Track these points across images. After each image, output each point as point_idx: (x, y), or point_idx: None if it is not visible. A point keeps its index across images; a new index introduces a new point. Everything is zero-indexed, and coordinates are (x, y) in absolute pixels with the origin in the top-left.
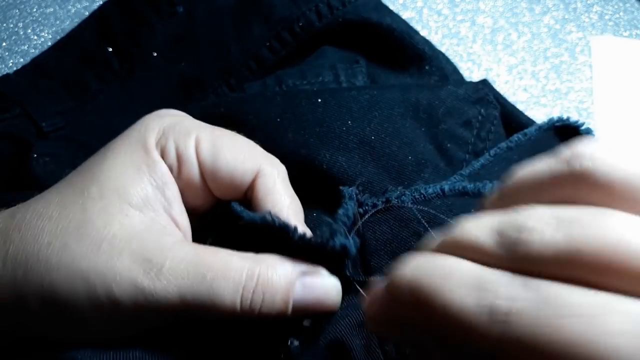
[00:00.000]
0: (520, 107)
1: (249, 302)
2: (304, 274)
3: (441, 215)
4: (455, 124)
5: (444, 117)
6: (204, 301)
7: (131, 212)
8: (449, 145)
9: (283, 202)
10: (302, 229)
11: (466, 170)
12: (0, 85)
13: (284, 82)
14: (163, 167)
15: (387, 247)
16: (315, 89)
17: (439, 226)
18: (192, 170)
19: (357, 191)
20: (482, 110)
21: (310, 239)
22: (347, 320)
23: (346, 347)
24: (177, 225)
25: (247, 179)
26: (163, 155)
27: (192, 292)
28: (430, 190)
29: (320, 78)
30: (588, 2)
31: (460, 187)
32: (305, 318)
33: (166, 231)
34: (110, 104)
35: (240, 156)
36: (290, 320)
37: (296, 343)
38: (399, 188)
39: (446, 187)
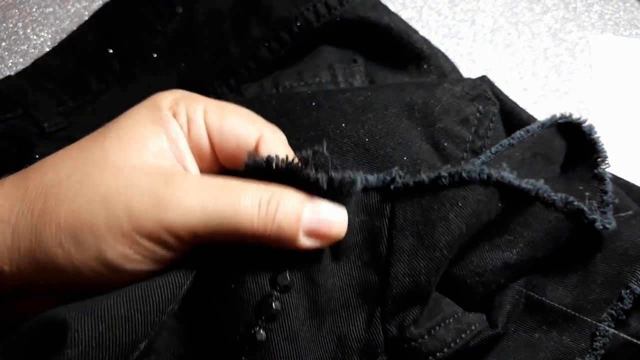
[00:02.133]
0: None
1: (265, 207)
2: (312, 199)
3: (478, 201)
4: (452, 122)
5: (440, 115)
6: (225, 208)
7: (149, 153)
8: (445, 144)
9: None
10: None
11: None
12: (2, 86)
13: (281, 84)
14: (176, 124)
15: (413, 227)
16: (311, 91)
17: (470, 211)
18: (200, 131)
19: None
20: (480, 107)
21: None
22: (349, 284)
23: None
24: None
25: (251, 140)
26: (174, 117)
27: (214, 199)
28: (473, 175)
29: (318, 79)
30: (588, 1)
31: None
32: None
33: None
34: (111, 104)
35: (244, 120)
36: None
37: (287, 281)
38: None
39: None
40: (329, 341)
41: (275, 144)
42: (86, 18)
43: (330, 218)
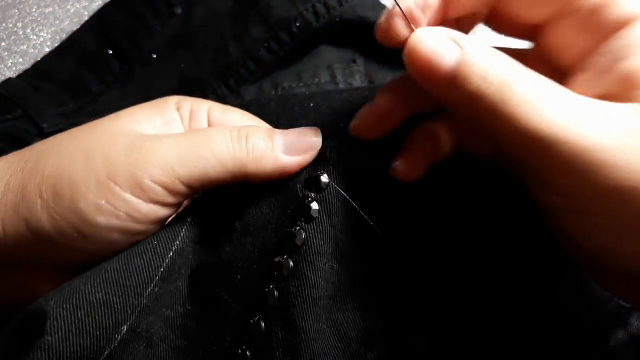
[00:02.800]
0: None
1: (236, 134)
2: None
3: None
4: None
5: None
6: (200, 143)
7: (139, 125)
8: None
9: None
10: None
11: None
12: (1, 87)
13: (280, 85)
14: (175, 113)
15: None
16: (309, 92)
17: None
18: (201, 123)
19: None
20: None
21: None
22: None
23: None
24: None
25: None
26: (178, 109)
27: (187, 140)
28: None
29: (317, 79)
30: None
31: None
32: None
33: None
34: (110, 105)
35: (246, 117)
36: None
37: (315, 206)
38: None
39: None
40: (326, 328)
41: None
42: (86, 18)
43: (300, 130)
